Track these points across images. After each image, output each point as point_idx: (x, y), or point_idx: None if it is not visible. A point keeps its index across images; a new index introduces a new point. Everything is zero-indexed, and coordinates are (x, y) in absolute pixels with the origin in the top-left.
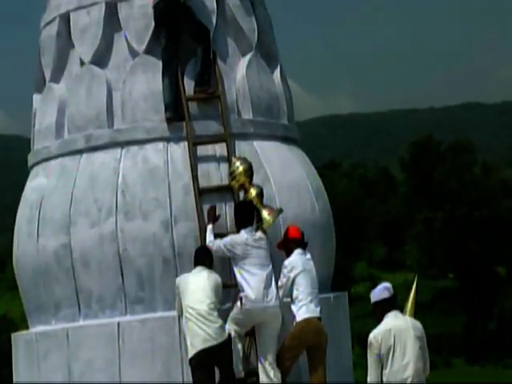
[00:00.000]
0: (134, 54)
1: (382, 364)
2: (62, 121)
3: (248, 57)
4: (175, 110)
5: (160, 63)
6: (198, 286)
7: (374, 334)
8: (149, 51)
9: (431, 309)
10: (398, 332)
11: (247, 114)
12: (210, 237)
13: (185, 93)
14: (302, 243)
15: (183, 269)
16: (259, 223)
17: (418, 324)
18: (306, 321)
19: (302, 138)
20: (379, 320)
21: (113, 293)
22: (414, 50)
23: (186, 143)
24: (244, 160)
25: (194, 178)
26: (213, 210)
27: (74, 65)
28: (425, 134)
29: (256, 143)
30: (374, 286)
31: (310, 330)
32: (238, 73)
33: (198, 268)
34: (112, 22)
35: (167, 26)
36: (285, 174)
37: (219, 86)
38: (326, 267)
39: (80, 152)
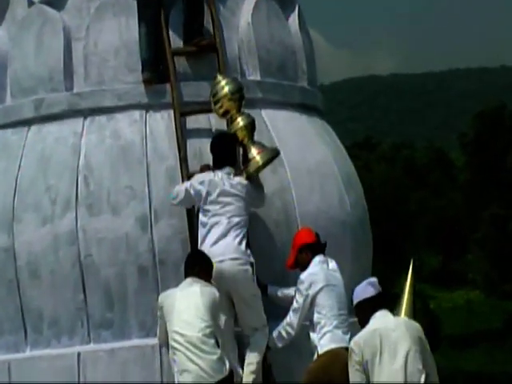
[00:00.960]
0: None
1: (367, 375)
2: (3, 81)
3: None
4: (156, 69)
5: (136, 4)
6: (188, 304)
7: (355, 339)
8: None
9: (504, 339)
10: (385, 332)
11: (253, 74)
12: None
13: (169, 45)
14: (319, 247)
15: (166, 281)
16: (246, 165)
17: (416, 324)
18: (332, 353)
19: (327, 106)
20: (362, 325)
21: (71, 313)
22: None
23: (171, 112)
24: (232, 80)
25: (182, 159)
26: (208, 167)
27: (18, 5)
28: (494, 101)
29: (265, 113)
30: (424, 307)
31: (337, 366)
32: (242, 18)
33: (189, 280)
34: None
35: None
36: (304, 156)
37: (216, 36)
38: (359, 281)
39: (27, 123)
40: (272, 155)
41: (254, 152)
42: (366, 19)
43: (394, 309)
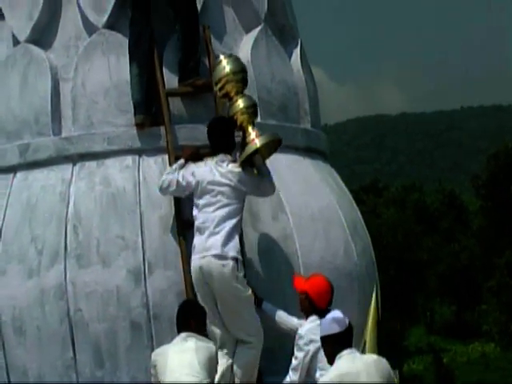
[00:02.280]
0: (90, 28)
1: None
2: None
3: (254, 33)
4: (149, 111)
5: (127, 42)
6: (181, 361)
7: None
8: (112, 25)
9: None
10: (355, 376)
11: None
12: (169, 169)
13: (163, 85)
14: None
15: (161, 337)
16: (243, 149)
17: (383, 363)
18: None
19: (332, 148)
20: (329, 361)
21: (59, 372)
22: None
23: (166, 157)
24: (234, 59)
25: (177, 207)
26: (195, 148)
27: (3, 44)
28: (509, 142)
29: None
30: (437, 360)
31: None
32: (240, 56)
33: (183, 335)
34: None
35: None
36: (307, 202)
37: (212, 75)
38: None
39: (12, 169)
40: (272, 139)
41: (252, 135)
42: (371, 54)
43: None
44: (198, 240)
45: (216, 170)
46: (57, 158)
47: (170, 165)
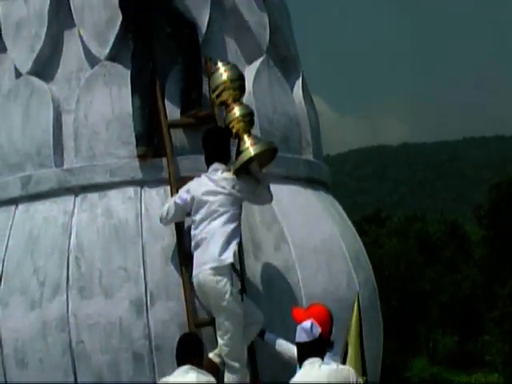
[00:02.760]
0: (92, 60)
1: None
2: None
3: (256, 64)
4: (151, 143)
5: (128, 73)
6: None
7: None
8: (114, 57)
9: None
10: None
11: None
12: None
13: (166, 117)
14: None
15: (163, 369)
16: (237, 157)
17: (343, 373)
18: None
19: (334, 178)
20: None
21: None
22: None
23: (168, 188)
24: (232, 66)
25: (179, 238)
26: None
27: (5, 76)
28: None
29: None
30: None
31: None
32: None
33: (184, 368)
34: (60, 13)
35: (136, 19)
36: (309, 233)
37: (214, 106)
38: (370, 366)
39: (14, 201)
40: (267, 148)
41: (247, 143)
42: (372, 84)
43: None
44: (196, 254)
45: (209, 180)
46: (59, 189)
47: (172, 196)
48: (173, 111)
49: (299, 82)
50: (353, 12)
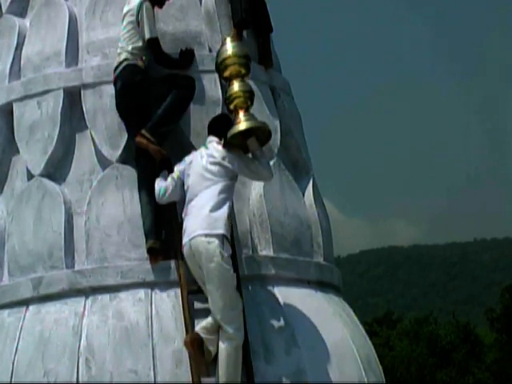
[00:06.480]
0: (103, 162)
1: None
2: (0, 258)
3: None
4: (158, 236)
5: None
6: None
7: None
8: (125, 159)
9: None
10: None
11: (266, 249)
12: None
13: (177, 219)
14: None
15: None
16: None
17: None
18: None
19: (345, 279)
20: None
21: None
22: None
23: (178, 291)
24: (239, 44)
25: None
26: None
27: (17, 178)
28: None
29: (278, 290)
30: None
31: None
32: (253, 190)
33: None
34: (73, 116)
35: (131, 110)
36: (319, 336)
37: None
38: None
39: (25, 303)
40: (257, 125)
41: (241, 117)
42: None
43: None
44: (186, 222)
45: (203, 150)
46: (69, 291)
47: (183, 300)
48: None
49: (310, 186)
50: (364, 133)
